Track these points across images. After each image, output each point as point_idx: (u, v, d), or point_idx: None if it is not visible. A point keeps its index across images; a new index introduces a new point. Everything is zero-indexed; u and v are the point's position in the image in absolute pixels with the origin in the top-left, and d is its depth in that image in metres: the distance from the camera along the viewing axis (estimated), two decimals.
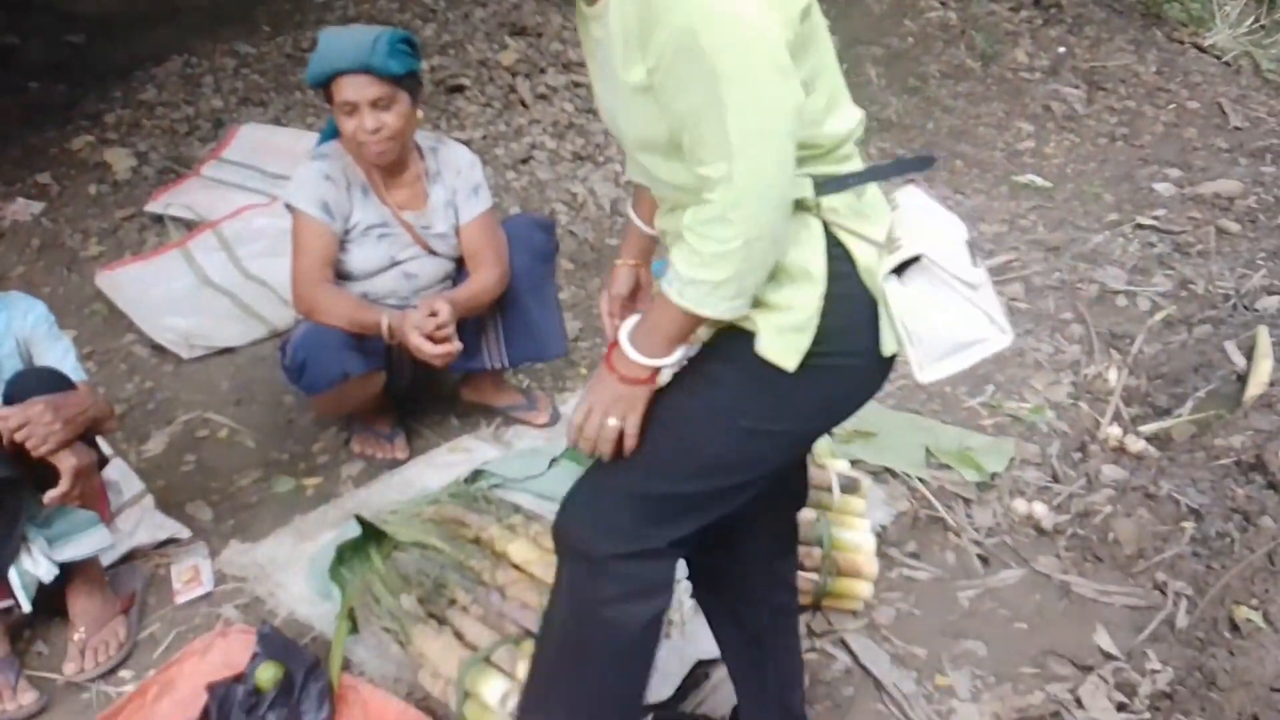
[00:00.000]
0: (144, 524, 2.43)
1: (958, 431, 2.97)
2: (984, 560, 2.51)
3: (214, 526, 2.52)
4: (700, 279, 1.23)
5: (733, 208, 1.18)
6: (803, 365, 1.29)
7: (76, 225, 3.75)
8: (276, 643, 1.93)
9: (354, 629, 2.09)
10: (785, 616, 1.74)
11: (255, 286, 3.31)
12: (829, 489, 2.36)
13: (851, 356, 1.34)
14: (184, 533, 2.46)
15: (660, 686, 1.93)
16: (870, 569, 2.27)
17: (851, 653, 2.20)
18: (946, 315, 1.33)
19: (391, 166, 2.51)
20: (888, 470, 2.73)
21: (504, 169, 4.63)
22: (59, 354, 2.18)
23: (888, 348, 1.34)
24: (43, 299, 2.27)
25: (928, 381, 1.36)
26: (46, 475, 1.97)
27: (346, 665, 2.02)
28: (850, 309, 1.32)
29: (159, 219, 3.69)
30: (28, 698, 2.00)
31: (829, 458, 2.54)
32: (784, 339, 1.28)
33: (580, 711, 1.52)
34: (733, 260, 1.20)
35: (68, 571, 2.10)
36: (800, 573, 2.20)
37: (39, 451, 1.91)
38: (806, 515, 2.29)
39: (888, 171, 1.40)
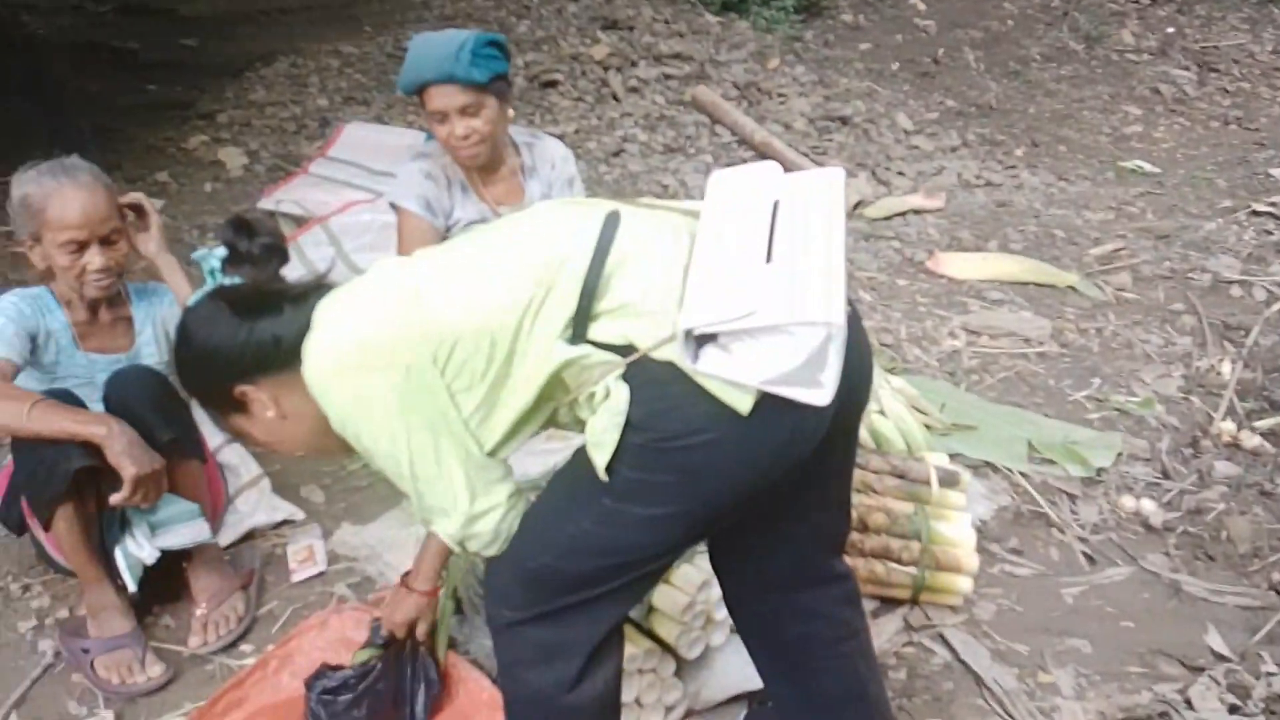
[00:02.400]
0: (261, 506, 2.55)
1: (1062, 425, 2.90)
2: (1089, 557, 2.46)
3: (326, 509, 2.63)
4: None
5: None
6: (638, 453, 1.30)
7: (193, 221, 3.94)
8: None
9: (459, 610, 2.15)
10: (818, 644, 1.68)
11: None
12: (927, 482, 2.34)
13: (691, 435, 1.28)
14: (298, 514, 2.57)
15: None
16: (970, 564, 2.24)
17: (951, 648, 2.17)
18: (756, 346, 1.23)
19: (487, 164, 2.56)
20: (988, 464, 2.69)
21: (596, 162, 4.69)
22: None
23: (741, 408, 1.27)
24: None
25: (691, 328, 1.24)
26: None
27: (451, 644, 2.08)
28: (661, 393, 1.29)
29: (270, 215, 3.84)
30: (155, 670, 2.13)
31: (927, 450, 2.52)
32: (593, 453, 1.32)
33: None
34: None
35: (188, 551, 2.23)
36: (898, 566, 2.21)
37: (140, 504, 2.01)
38: (903, 509, 2.28)
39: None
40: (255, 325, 1.40)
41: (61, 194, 2.05)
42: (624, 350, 1.30)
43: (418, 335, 1.32)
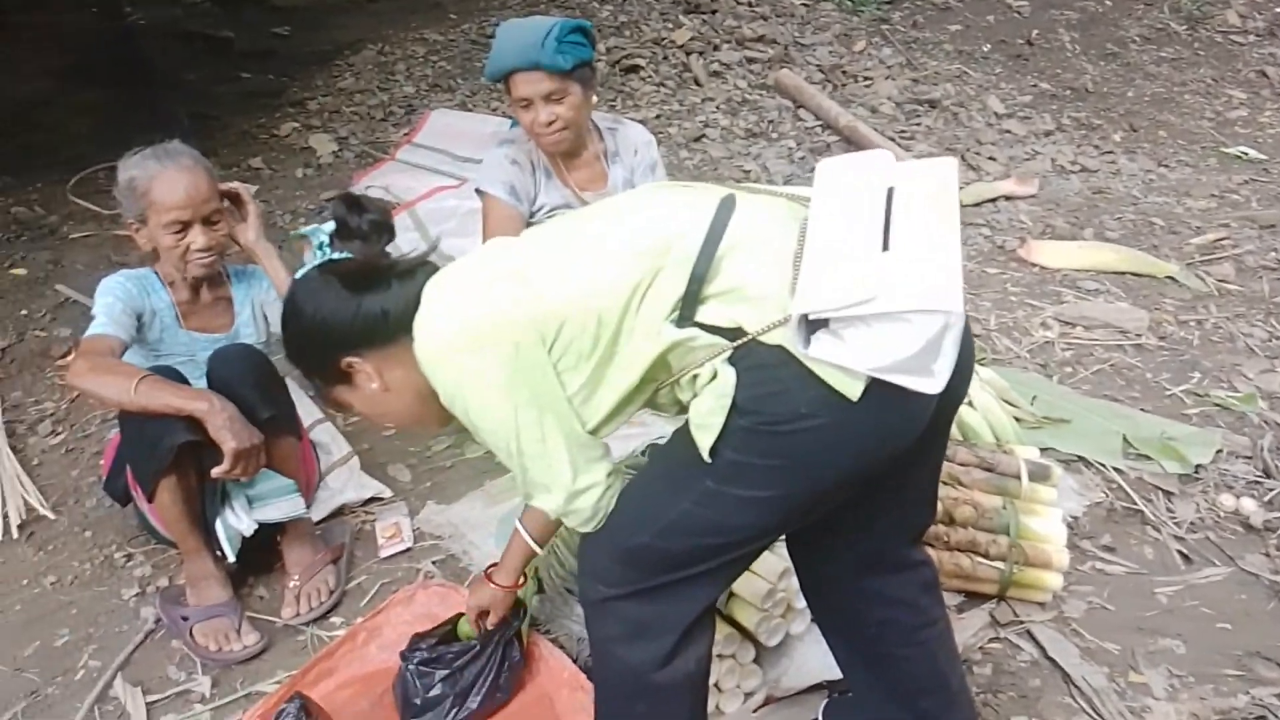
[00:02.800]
0: (351, 483, 2.62)
1: (1158, 420, 2.80)
2: (1185, 556, 2.38)
3: (412, 487, 2.69)
4: None
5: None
6: (744, 436, 1.30)
7: (286, 206, 4.05)
8: None
9: (540, 589, 2.19)
10: (897, 632, 1.67)
11: (446, 264, 3.48)
12: (1016, 476, 2.28)
13: (798, 420, 1.28)
14: (386, 492, 2.64)
15: None
16: (1060, 560, 2.19)
17: (1039, 645, 2.13)
18: (870, 333, 1.21)
19: (571, 149, 2.58)
20: (1080, 459, 2.62)
21: (677, 147, 4.68)
22: None
23: (851, 394, 1.26)
24: None
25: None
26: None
27: (533, 624, 2.11)
28: (768, 376, 1.29)
29: None
30: (251, 638, 2.21)
31: (1016, 444, 2.46)
32: (698, 435, 1.33)
33: None
34: None
35: (283, 525, 2.30)
36: (985, 560, 2.17)
37: (240, 477, 2.09)
38: (992, 502, 2.23)
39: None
40: (364, 299, 1.44)
41: (165, 176, 2.13)
42: (732, 334, 1.30)
43: (526, 315, 1.35)
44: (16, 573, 2.50)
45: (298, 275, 1.52)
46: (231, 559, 2.22)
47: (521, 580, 1.93)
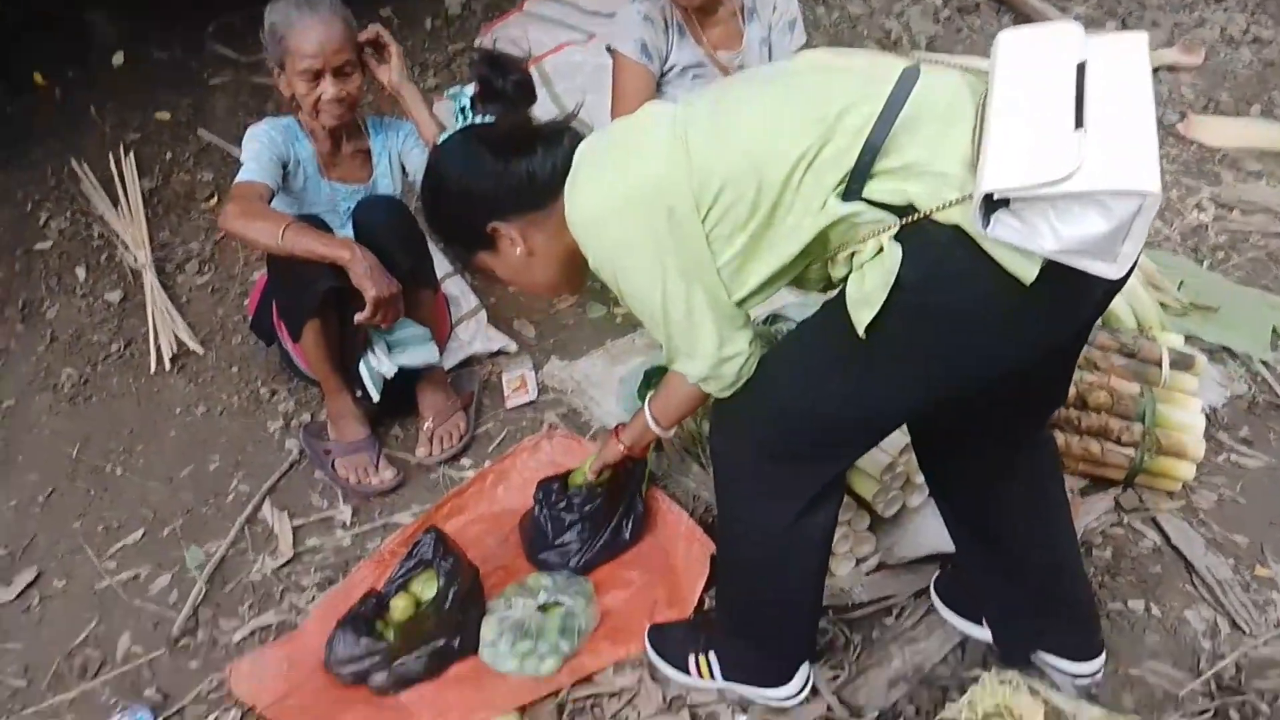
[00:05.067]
0: (479, 335, 2.70)
1: None
2: None
3: (537, 343, 2.75)
4: None
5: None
6: (905, 315, 1.27)
7: (415, 58, 4.04)
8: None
9: (659, 446, 2.24)
10: (1014, 510, 1.66)
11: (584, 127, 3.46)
12: (1158, 363, 2.20)
13: (966, 301, 1.25)
14: (512, 346, 2.71)
15: None
16: (1195, 450, 2.12)
17: (1163, 532, 2.09)
18: (1056, 214, 1.15)
19: (705, 5, 2.49)
20: (1226, 349, 2.50)
21: (814, 4, 4.45)
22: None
23: (1026, 277, 1.21)
24: None
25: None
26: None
27: (653, 480, 2.18)
28: (938, 256, 1.24)
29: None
30: (388, 473, 2.34)
31: (1160, 330, 2.36)
32: (855, 311, 1.30)
33: (740, 606, 1.71)
34: None
35: (418, 371, 2.40)
36: (1115, 447, 2.12)
37: (380, 324, 2.15)
38: (1129, 389, 2.16)
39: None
40: (510, 163, 1.44)
41: (302, 23, 2.15)
42: (901, 210, 1.26)
43: (683, 180, 1.32)
44: (170, 401, 2.68)
45: (440, 140, 1.52)
46: (376, 399, 2.33)
47: (643, 450, 1.97)
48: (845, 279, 1.33)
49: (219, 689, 1.91)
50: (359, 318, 2.11)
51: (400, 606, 1.90)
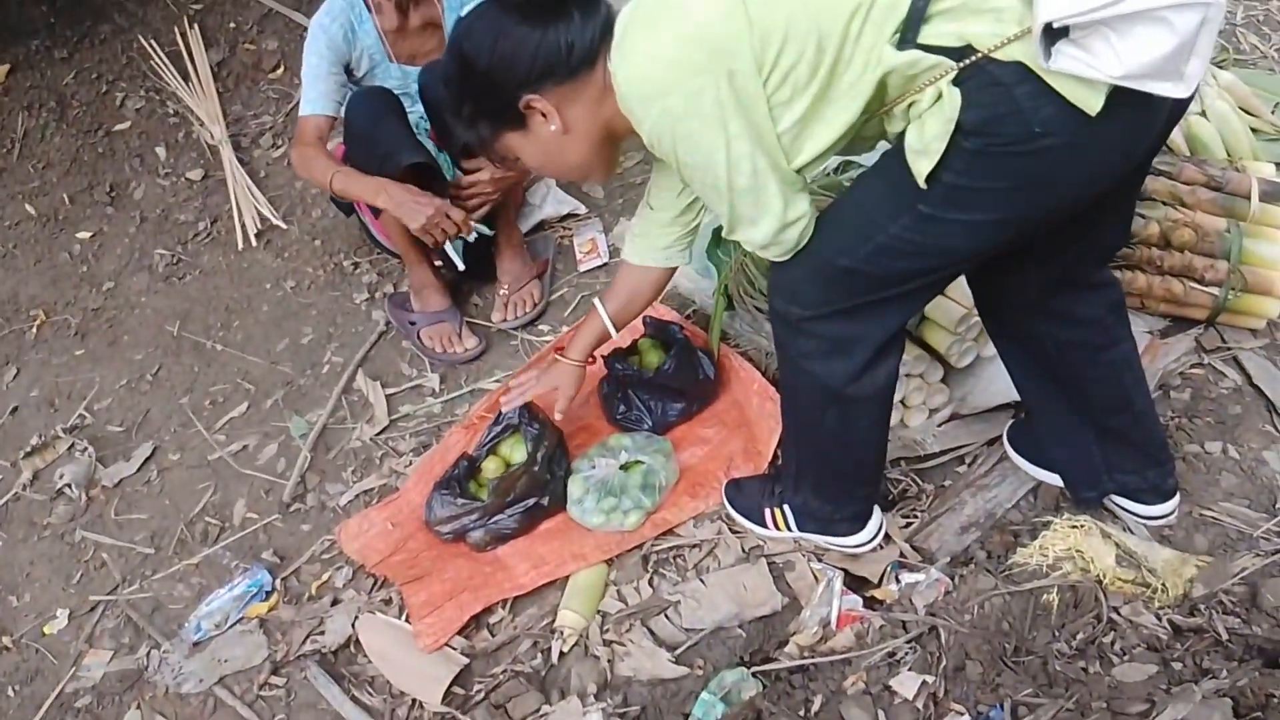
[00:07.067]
0: (549, 199, 2.72)
1: None
2: None
3: (606, 204, 2.76)
4: None
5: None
6: (968, 159, 1.25)
7: None
8: (658, 326, 2.18)
9: (729, 305, 2.26)
10: (1079, 352, 1.64)
11: None
12: (1247, 196, 2.11)
13: (1031, 140, 1.21)
14: (581, 208, 2.73)
15: None
16: None
17: (1245, 372, 2.06)
18: (1117, 38, 1.11)
19: None
20: None
21: None
22: None
23: (1091, 107, 1.16)
24: None
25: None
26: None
27: (724, 337, 2.22)
28: (1000, 96, 1.20)
29: None
30: (471, 341, 2.42)
31: (1251, 159, 2.25)
32: (915, 161, 1.27)
33: (807, 462, 1.75)
34: None
35: (495, 239, 2.44)
36: (1198, 286, 2.07)
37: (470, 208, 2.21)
38: (1215, 224, 2.09)
39: None
40: (546, 30, 1.36)
41: None
42: (959, 53, 1.22)
43: (744, 39, 1.27)
44: (261, 276, 2.80)
45: (464, 10, 1.45)
46: (461, 267, 2.38)
47: (592, 360, 1.95)
48: (902, 135, 1.31)
49: (330, 549, 2.07)
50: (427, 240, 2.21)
51: (491, 468, 2.01)
